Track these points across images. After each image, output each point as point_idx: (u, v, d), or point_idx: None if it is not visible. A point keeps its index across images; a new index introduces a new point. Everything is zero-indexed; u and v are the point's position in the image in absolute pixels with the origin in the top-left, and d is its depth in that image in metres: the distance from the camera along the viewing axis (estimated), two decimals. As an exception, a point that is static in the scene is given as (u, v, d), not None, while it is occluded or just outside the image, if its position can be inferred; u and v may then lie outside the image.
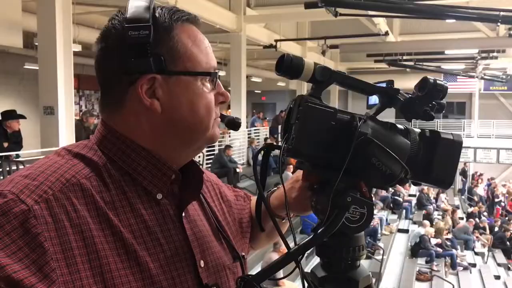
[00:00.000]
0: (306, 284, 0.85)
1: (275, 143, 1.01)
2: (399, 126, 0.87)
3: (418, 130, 0.89)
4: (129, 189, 0.81)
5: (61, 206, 0.73)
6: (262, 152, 0.97)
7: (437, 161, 0.87)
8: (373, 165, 0.79)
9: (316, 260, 0.94)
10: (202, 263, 0.85)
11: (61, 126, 7.28)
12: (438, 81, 0.85)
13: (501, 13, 8.24)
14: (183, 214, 0.87)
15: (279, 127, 13.78)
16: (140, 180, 0.83)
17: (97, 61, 0.86)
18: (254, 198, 1.17)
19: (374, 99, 0.92)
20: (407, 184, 0.98)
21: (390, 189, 15.44)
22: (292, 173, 1.18)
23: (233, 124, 0.98)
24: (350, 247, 0.87)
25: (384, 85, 0.89)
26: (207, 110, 0.86)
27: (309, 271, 0.92)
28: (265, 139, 15.43)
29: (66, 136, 7.34)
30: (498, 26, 13.53)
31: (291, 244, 0.82)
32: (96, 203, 0.76)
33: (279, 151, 0.87)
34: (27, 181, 0.73)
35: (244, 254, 1.00)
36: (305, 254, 0.83)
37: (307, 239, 0.82)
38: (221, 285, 0.88)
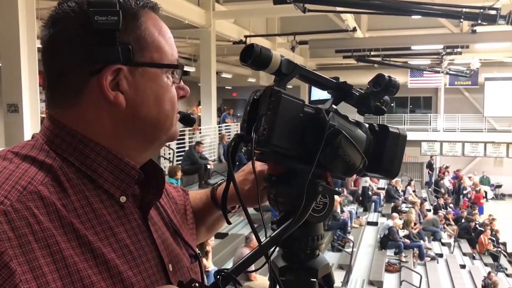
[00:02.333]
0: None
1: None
2: (352, 120, 0.91)
3: (366, 124, 0.93)
4: (90, 194, 0.74)
5: (22, 218, 0.65)
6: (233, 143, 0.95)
7: (386, 153, 0.91)
8: (339, 155, 0.82)
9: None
10: (170, 267, 0.82)
11: (26, 124, 7.09)
12: (392, 78, 0.88)
13: (464, 9, 8.48)
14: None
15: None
16: (101, 182, 0.76)
17: (48, 48, 0.77)
18: (190, 193, 1.14)
19: (318, 94, 0.94)
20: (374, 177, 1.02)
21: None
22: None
23: (188, 120, 0.92)
24: (309, 237, 0.89)
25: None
26: (172, 105, 0.81)
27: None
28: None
29: (32, 135, 7.16)
30: (461, 22, 13.89)
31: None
32: (58, 212, 0.69)
33: (248, 143, 0.85)
34: None
35: (199, 252, 0.97)
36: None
37: (276, 231, 0.84)
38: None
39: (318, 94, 0.95)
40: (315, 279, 0.90)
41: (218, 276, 0.78)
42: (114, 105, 0.76)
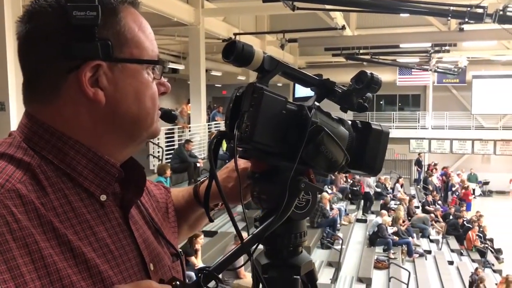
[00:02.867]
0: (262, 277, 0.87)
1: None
2: (334, 117, 0.91)
3: (349, 121, 0.93)
4: (70, 192, 0.73)
5: (0, 217, 0.64)
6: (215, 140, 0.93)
7: (369, 150, 0.92)
8: (321, 152, 0.82)
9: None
10: (151, 266, 0.82)
11: (13, 123, 7.00)
12: (374, 75, 0.89)
13: (451, 7, 8.56)
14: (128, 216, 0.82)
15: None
16: (80, 180, 0.75)
17: (24, 44, 0.76)
18: (172, 191, 1.13)
19: (302, 92, 0.94)
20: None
21: (349, 180, 15.83)
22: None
23: (169, 117, 0.91)
24: (292, 234, 0.89)
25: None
26: (153, 102, 0.80)
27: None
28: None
29: (9, 132, 7.07)
30: (449, 21, 14.01)
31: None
32: (37, 211, 0.68)
33: (230, 140, 0.85)
34: None
35: (180, 250, 0.96)
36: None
37: (259, 228, 0.84)
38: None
39: (303, 91, 0.95)
40: (297, 276, 0.90)
41: (200, 274, 0.77)
42: (94, 102, 0.74)
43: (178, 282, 0.74)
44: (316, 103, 0.90)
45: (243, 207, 0.93)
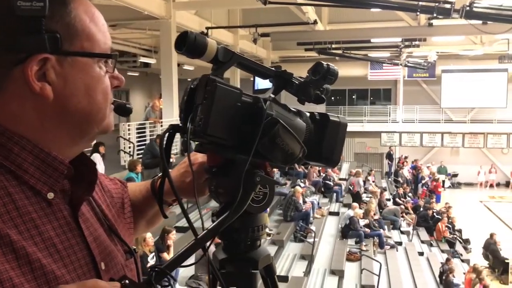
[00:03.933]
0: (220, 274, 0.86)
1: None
2: (292, 108, 0.90)
3: (307, 113, 0.92)
4: (15, 190, 0.70)
5: None
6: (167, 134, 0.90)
7: (326, 142, 0.91)
8: (277, 145, 0.81)
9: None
10: (102, 265, 0.79)
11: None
12: (330, 66, 0.88)
13: (420, 2, 8.70)
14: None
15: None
16: (26, 178, 0.72)
17: None
18: (130, 185, 1.11)
19: (262, 84, 0.93)
20: (337, 169, 1.01)
21: (321, 173, 15.96)
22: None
23: (123, 110, 0.89)
24: (249, 228, 0.88)
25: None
26: (104, 96, 0.78)
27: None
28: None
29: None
30: (418, 16, 14.24)
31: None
32: None
33: (184, 134, 0.83)
34: None
35: (135, 247, 0.94)
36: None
37: (214, 224, 0.82)
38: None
39: (263, 83, 0.94)
40: (256, 270, 0.89)
41: (152, 272, 0.75)
42: (40, 97, 0.71)
43: (127, 281, 0.72)
44: (272, 95, 0.89)
45: (198, 202, 0.92)
